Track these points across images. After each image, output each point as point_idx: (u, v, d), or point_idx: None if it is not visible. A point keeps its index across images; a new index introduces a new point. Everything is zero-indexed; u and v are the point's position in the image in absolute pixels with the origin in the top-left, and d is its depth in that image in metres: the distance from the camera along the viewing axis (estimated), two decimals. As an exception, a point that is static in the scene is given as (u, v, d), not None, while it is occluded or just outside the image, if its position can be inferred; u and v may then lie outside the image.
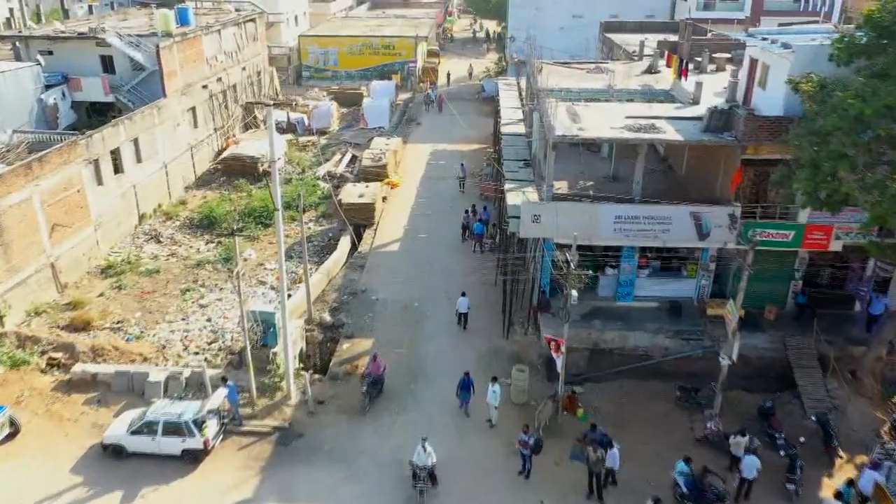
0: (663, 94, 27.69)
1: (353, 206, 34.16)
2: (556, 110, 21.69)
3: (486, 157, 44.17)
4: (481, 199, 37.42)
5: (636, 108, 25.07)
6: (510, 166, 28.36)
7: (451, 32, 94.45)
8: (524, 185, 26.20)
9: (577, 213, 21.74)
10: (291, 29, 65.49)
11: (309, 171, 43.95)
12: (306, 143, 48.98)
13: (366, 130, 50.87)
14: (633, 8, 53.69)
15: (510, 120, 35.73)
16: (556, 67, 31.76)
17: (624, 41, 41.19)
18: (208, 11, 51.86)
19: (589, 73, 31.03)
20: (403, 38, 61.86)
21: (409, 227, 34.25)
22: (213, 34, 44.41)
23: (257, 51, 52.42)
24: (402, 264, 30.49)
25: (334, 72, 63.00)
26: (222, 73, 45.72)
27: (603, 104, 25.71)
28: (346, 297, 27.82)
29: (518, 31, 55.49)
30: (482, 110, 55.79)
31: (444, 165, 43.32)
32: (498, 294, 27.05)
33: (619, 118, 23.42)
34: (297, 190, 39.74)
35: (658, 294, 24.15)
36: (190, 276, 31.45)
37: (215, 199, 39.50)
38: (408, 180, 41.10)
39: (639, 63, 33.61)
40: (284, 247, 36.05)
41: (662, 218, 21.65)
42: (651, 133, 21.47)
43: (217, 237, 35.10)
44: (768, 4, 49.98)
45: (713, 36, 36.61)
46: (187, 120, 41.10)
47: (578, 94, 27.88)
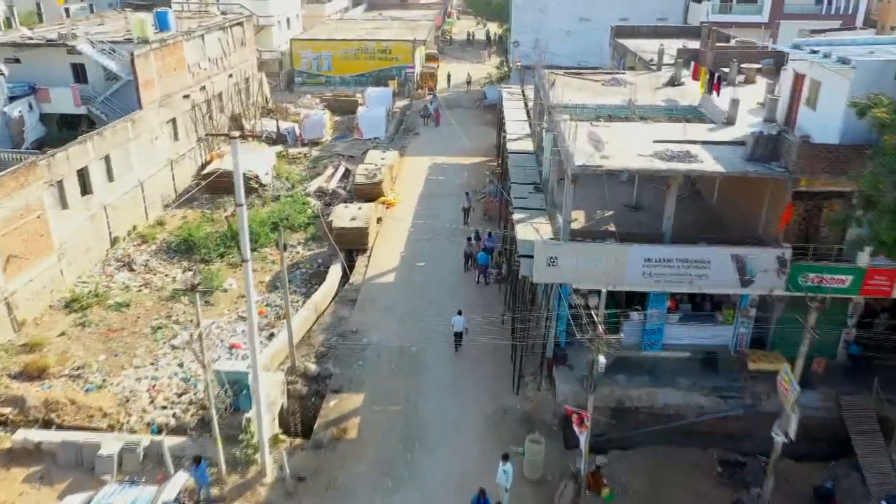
0: (691, 111, 24.66)
1: (345, 231, 31.10)
2: (575, 134, 18.61)
3: (489, 172, 41.14)
4: (485, 220, 34.37)
5: (664, 129, 22.03)
6: (518, 191, 25.34)
7: (450, 35, 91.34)
8: (535, 216, 23.20)
9: (601, 255, 18.71)
10: (283, 32, 62.40)
11: (299, 187, 40.91)
12: (297, 155, 45.93)
13: (360, 141, 47.83)
14: (644, 11, 50.67)
15: (516, 134, 32.75)
16: (568, 79, 28.72)
17: (638, 47, 38.17)
18: (192, 15, 48.72)
19: (605, 86, 28.00)
20: (400, 42, 58.77)
21: (405, 254, 31.18)
22: (196, 40, 41.31)
23: (245, 56, 49.33)
24: (398, 298, 27.44)
25: (328, 77, 59.89)
26: (206, 82, 42.63)
27: (625, 125, 22.66)
28: (335, 340, 24.76)
29: (521, 35, 52.48)
30: (484, 119, 52.73)
31: (443, 181, 40.26)
32: (506, 335, 24.01)
33: (645, 142, 20.39)
34: (284, 209, 36.91)
35: (689, 342, 21.14)
36: (163, 310, 28.42)
37: (196, 218, 36.45)
38: (405, 198, 38.04)
39: (658, 74, 30.58)
40: (276, 268, 33.44)
41: (699, 261, 18.63)
42: (686, 163, 18.43)
43: (196, 263, 32.05)
44: (788, 7, 47.02)
45: (738, 43, 33.58)
46: (167, 133, 38.01)
47: (595, 111, 24.85)
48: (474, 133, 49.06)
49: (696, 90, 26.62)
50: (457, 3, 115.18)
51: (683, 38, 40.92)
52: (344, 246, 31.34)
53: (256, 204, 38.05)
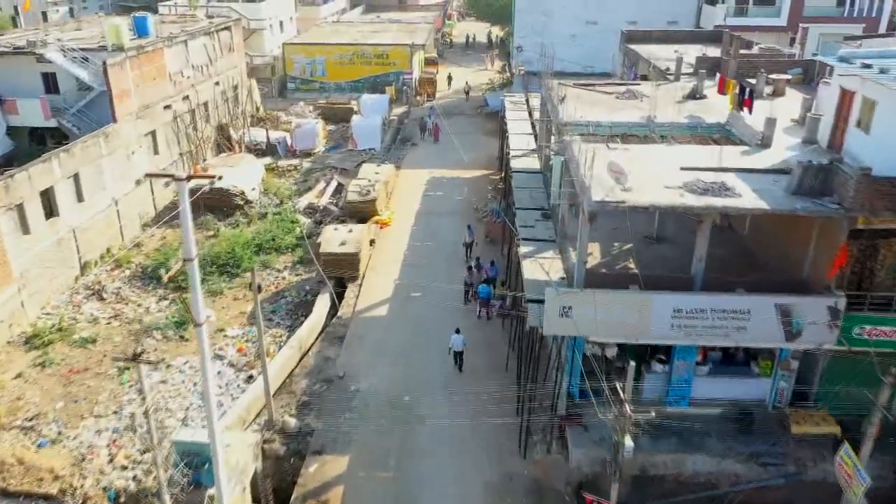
0: (718, 129, 22.00)
1: (334, 257, 28.46)
2: (590, 161, 15.94)
3: (491, 187, 38.51)
4: (487, 243, 31.71)
5: (690, 152, 19.36)
6: (524, 218, 22.69)
7: (450, 37, 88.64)
8: (543, 249, 20.55)
9: (622, 304, 16.06)
10: (276, 36, 59.78)
11: (288, 203, 38.28)
12: (287, 167, 43.30)
13: (355, 152, 45.20)
14: (654, 13, 48.02)
15: (520, 150, 30.08)
16: (578, 91, 26.06)
17: (651, 54, 35.51)
18: (176, 19, 46.10)
19: (620, 100, 25.34)
20: (398, 47, 56.13)
21: (400, 282, 28.53)
22: (178, 46, 38.70)
23: (233, 63, 46.71)
24: (391, 335, 24.79)
25: (322, 83, 57.27)
26: (190, 91, 40.02)
27: (646, 148, 19.98)
28: (319, 387, 22.10)
29: (524, 39, 49.84)
30: (485, 128, 50.06)
31: (442, 197, 37.62)
32: (511, 381, 21.39)
33: (671, 169, 17.75)
34: (271, 228, 34.28)
35: (721, 396, 18.49)
36: (133, 346, 25.70)
37: (176, 239, 33.83)
38: (401, 216, 35.39)
39: (677, 84, 27.92)
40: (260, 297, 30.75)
41: (737, 312, 15.98)
42: (722, 197, 15.76)
43: (173, 291, 29.42)
44: (808, 10, 44.33)
45: (762, 50, 30.91)
46: (145, 146, 35.40)
47: (610, 129, 22.19)
48: (475, 143, 46.40)
49: (722, 104, 23.96)
50: (457, 4, 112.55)
51: (699, 44, 38.28)
52: (333, 273, 28.75)
53: (242, 222, 35.48)
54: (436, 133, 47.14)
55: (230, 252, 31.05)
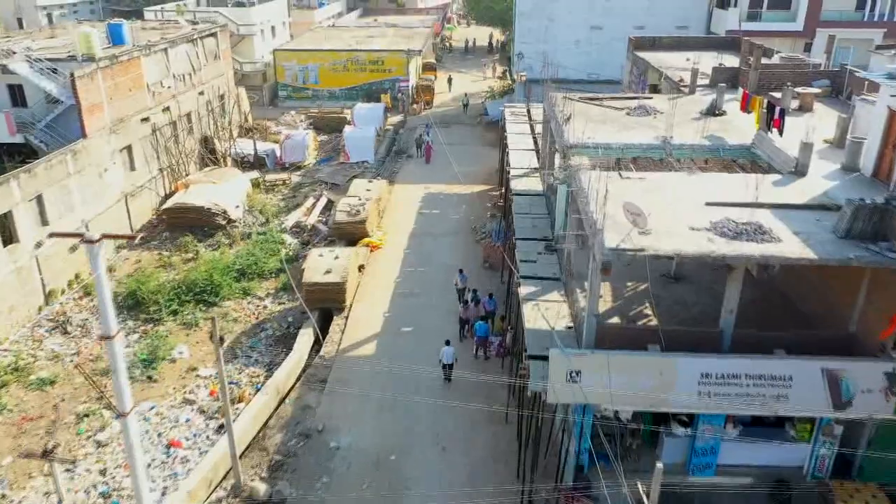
0: (743, 152, 19.58)
1: (318, 287, 26.06)
2: (603, 197, 13.54)
3: (490, 205, 36.08)
4: (485, 269, 29.31)
5: (714, 182, 16.95)
6: (525, 252, 20.29)
7: (450, 42, 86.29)
8: (547, 289, 18.14)
9: (641, 369, 13.64)
10: (267, 42, 57.50)
11: (274, 221, 35.92)
12: (275, 181, 40.92)
13: (347, 165, 42.84)
14: (662, 18, 45.61)
15: (521, 168, 27.70)
16: (585, 107, 23.66)
17: (661, 62, 33.10)
18: (157, 26, 43.77)
19: (631, 116, 22.93)
20: (394, 53, 53.77)
21: (390, 315, 26.13)
22: (157, 55, 36.37)
23: (220, 71, 44.39)
24: (379, 379, 22.37)
25: (315, 91, 54.93)
26: (171, 102, 37.69)
27: (665, 176, 17.56)
28: (295, 442, 19.69)
29: (526, 45, 47.45)
30: (485, 138, 47.68)
31: (438, 216, 35.21)
32: (511, 438, 19.00)
33: (694, 203, 15.35)
34: (254, 251, 31.89)
35: (752, 463, 16.06)
36: (97, 388, 23.43)
37: (152, 262, 31.52)
38: (393, 236, 33.00)
39: (692, 98, 25.50)
40: (239, 328, 28.44)
41: (777, 378, 13.55)
42: (759, 242, 13.33)
43: (144, 323, 27.09)
44: (826, 14, 41.88)
45: (784, 59, 28.48)
46: (120, 162, 33.07)
47: (622, 151, 19.81)
48: (474, 155, 44.01)
49: (744, 122, 21.55)
50: (457, 8, 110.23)
51: (712, 51, 35.85)
52: (317, 304, 26.37)
53: (223, 244, 33.09)
54: (427, 154, 43.72)
55: (208, 279, 28.65)
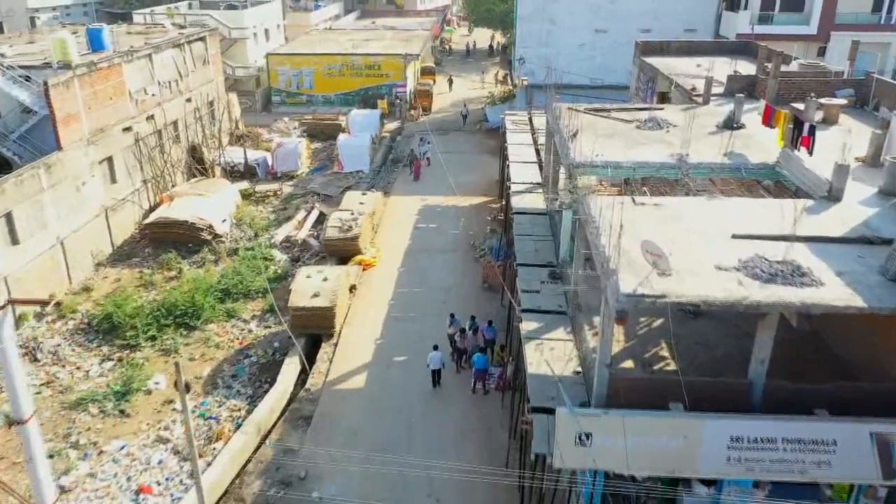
0: (767, 172, 17.79)
1: (305, 312, 24.30)
2: (616, 236, 11.79)
3: (490, 218, 34.33)
4: (484, 290, 27.54)
5: (738, 208, 15.18)
6: (526, 280, 18.54)
7: (449, 44, 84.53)
8: (551, 325, 16.38)
9: (662, 432, 11.85)
10: (261, 46, 55.76)
11: (263, 235, 34.19)
12: (266, 192, 39.19)
13: (341, 175, 41.10)
14: (669, 21, 43.85)
15: (524, 184, 25.95)
16: (591, 119, 21.89)
17: (670, 68, 31.32)
18: (143, 30, 42.04)
19: (641, 129, 21.15)
20: (391, 57, 52.02)
21: (382, 342, 24.37)
22: (141, 61, 34.64)
23: (209, 76, 42.66)
24: (368, 417, 20.62)
25: (309, 96, 53.24)
26: (155, 110, 35.96)
27: (683, 202, 15.77)
28: (275, 492, 17.91)
29: (527, 49, 45.69)
30: (485, 146, 45.93)
31: (435, 231, 33.44)
32: (511, 487, 17.22)
33: (719, 236, 13.58)
34: (240, 268, 30.13)
35: (782, 526, 14.27)
36: (63, 423, 21.75)
37: (133, 281, 29.80)
38: (387, 254, 31.23)
39: (706, 109, 23.71)
40: (221, 354, 26.66)
41: (818, 442, 11.77)
42: (798, 286, 11.55)
43: (119, 349, 25.34)
44: (841, 17, 40.11)
45: (802, 67, 26.71)
46: (100, 175, 31.34)
47: (633, 171, 18.03)
48: (473, 165, 42.28)
49: (766, 136, 19.78)
50: (457, 10, 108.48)
51: (724, 56, 34.05)
52: (304, 330, 24.62)
53: (209, 260, 31.36)
54: (416, 170, 40.68)
55: (189, 301, 26.88)
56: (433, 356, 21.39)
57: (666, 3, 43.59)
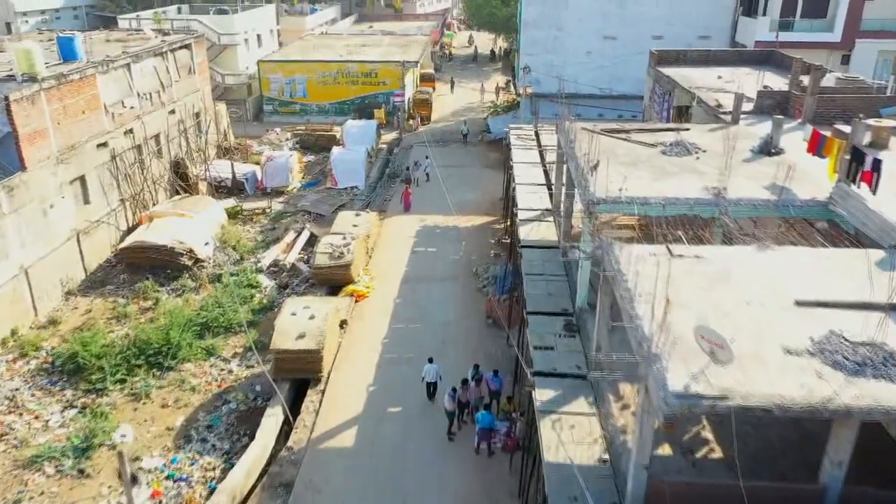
0: (819, 211, 15.33)
1: (290, 356, 21.80)
2: (661, 310, 9.33)
3: (494, 241, 31.88)
4: (488, 326, 25.05)
5: (798, 263, 12.68)
6: (538, 334, 16.08)
7: (449, 48, 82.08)
8: (570, 392, 13.93)
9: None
10: (253, 52, 53.31)
11: (250, 258, 31.75)
12: (254, 211, 36.72)
13: (335, 191, 38.68)
14: (683, 27, 41.43)
15: (531, 210, 23.47)
16: (610, 142, 19.41)
17: (689, 80, 28.86)
18: (123, 37, 39.58)
19: (667, 155, 18.68)
20: (388, 64, 49.57)
21: (375, 389, 21.88)
22: (118, 71, 32.21)
23: (194, 86, 40.22)
24: (357, 484, 18.12)
25: (303, 105, 50.78)
26: (135, 123, 33.51)
27: (728, 253, 13.27)
28: (247, 583, 15.45)
29: (532, 57, 43.22)
30: (488, 159, 43.49)
31: (434, 255, 30.96)
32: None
33: (779, 301, 11.11)
34: (222, 298, 27.65)
35: None
36: (15, 484, 19.26)
37: (105, 312, 27.34)
38: (382, 282, 28.74)
39: (736, 130, 21.22)
40: (197, 399, 24.18)
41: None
42: (893, 381, 9.08)
43: (84, 394, 22.85)
44: (867, 24, 37.67)
45: (840, 81, 24.25)
46: (71, 195, 28.87)
47: (663, 208, 15.55)
48: (475, 180, 39.84)
49: (813, 165, 17.32)
50: (457, 13, 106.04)
51: (745, 66, 31.68)
52: (289, 375, 22.15)
53: (189, 288, 28.88)
54: (406, 201, 36.44)
55: (163, 338, 24.39)
56: (429, 368, 20.56)
57: (679, 8, 41.16)
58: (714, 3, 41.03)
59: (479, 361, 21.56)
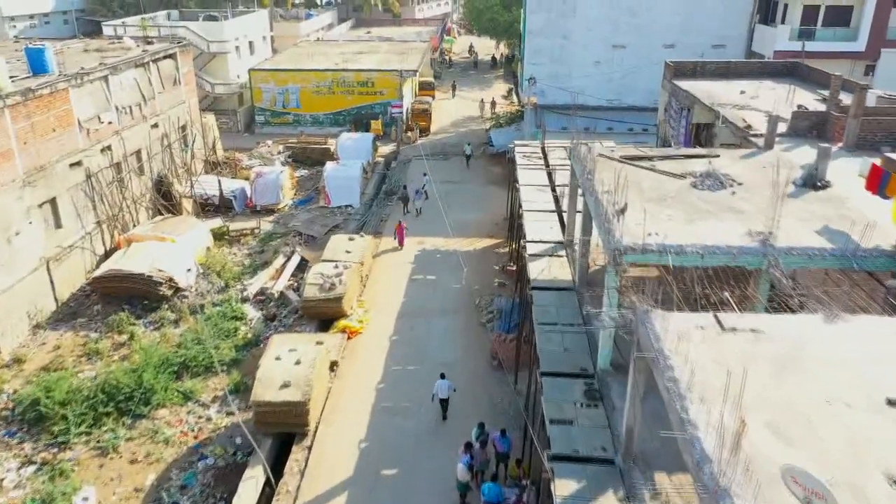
0: (887, 262, 13.04)
1: (272, 409, 19.49)
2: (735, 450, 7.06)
3: (498, 268, 29.61)
4: (493, 368, 22.77)
5: (873, 336, 10.41)
6: (555, 403, 13.86)
7: (449, 55, 79.84)
8: (595, 481, 11.67)
9: None
10: (245, 60, 51.04)
11: (235, 286, 29.48)
12: (242, 231, 34.43)
13: (327, 211, 36.40)
14: (696, 36, 39.25)
15: (542, 244, 21.18)
16: (631, 171, 17.12)
17: (709, 95, 26.60)
18: (104, 46, 37.31)
19: (699, 188, 16.41)
20: (385, 74, 47.33)
21: (367, 445, 19.59)
22: (93, 84, 29.96)
23: (180, 98, 37.97)
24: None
25: (296, 116, 48.54)
26: (112, 139, 31.26)
27: (788, 323, 10.99)
28: None
29: (537, 67, 41.00)
30: (490, 175, 41.24)
31: (434, 284, 28.70)
32: None
33: (865, 403, 8.87)
34: (202, 333, 25.34)
35: None
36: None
37: (75, 349, 25.07)
38: (377, 316, 26.44)
39: (771, 155, 18.95)
40: (171, 454, 21.78)
41: None
42: None
43: (45, 447, 20.57)
44: (893, 32, 35.44)
45: (881, 100, 22.01)
46: (40, 220, 26.62)
47: (701, 258, 13.28)
48: (477, 197, 37.60)
49: (867, 204, 15.07)
50: (457, 17, 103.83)
51: (767, 79, 29.46)
52: (272, 428, 19.87)
53: (168, 321, 26.62)
54: (400, 236, 32.08)
55: (137, 381, 22.11)
56: (440, 384, 19.90)
57: (692, 16, 38.96)
58: (730, 10, 38.82)
59: (484, 409, 19.33)
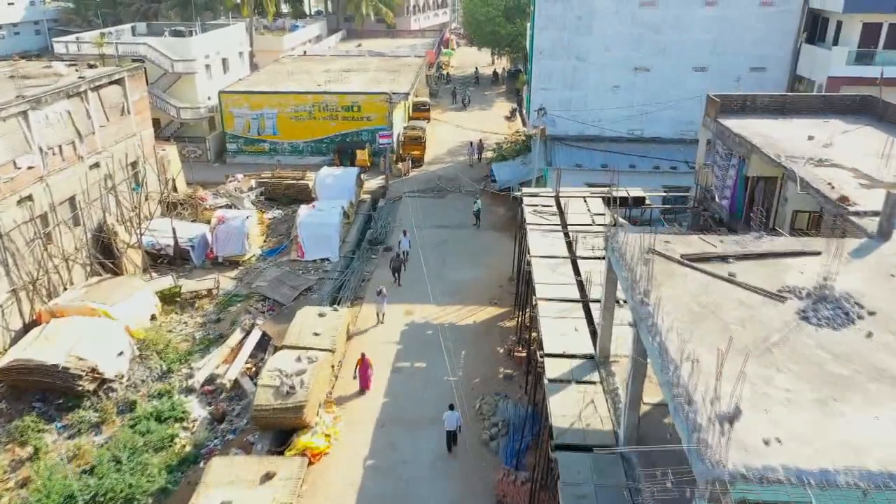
0: None
1: None
2: None
3: (503, 351, 23.99)
4: (498, 516, 17.14)
5: None
6: None
7: (447, 69, 74.22)
8: None
9: None
10: (217, 79, 45.37)
11: (181, 370, 23.99)
12: (197, 294, 28.80)
13: (300, 265, 30.78)
14: (731, 57, 33.77)
15: (562, 356, 15.58)
16: (702, 279, 11.55)
17: (769, 141, 21.00)
18: (34, 72, 31.66)
19: (809, 321, 10.86)
20: (372, 97, 41.73)
21: None
22: (7, 122, 24.40)
23: (129, 130, 32.36)
24: None
25: (273, 143, 42.96)
26: (35, 187, 25.69)
27: None
28: None
29: (547, 92, 35.38)
30: (493, 217, 35.55)
31: (423, 376, 22.99)
32: None
33: None
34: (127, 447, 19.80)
35: None
36: None
37: None
38: (349, 424, 20.74)
39: (889, 249, 13.35)
40: None
41: None
42: None
43: None
44: (970, 55, 29.92)
45: None
46: (-73, 298, 21.01)
47: (860, 494, 7.62)
48: (477, 249, 31.93)
49: None
50: (456, 27, 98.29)
51: (834, 117, 23.92)
52: None
53: (88, 424, 21.10)
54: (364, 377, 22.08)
55: None
56: (448, 416, 19.05)
57: (727, 33, 33.42)
58: (771, 28, 33.26)
59: None
